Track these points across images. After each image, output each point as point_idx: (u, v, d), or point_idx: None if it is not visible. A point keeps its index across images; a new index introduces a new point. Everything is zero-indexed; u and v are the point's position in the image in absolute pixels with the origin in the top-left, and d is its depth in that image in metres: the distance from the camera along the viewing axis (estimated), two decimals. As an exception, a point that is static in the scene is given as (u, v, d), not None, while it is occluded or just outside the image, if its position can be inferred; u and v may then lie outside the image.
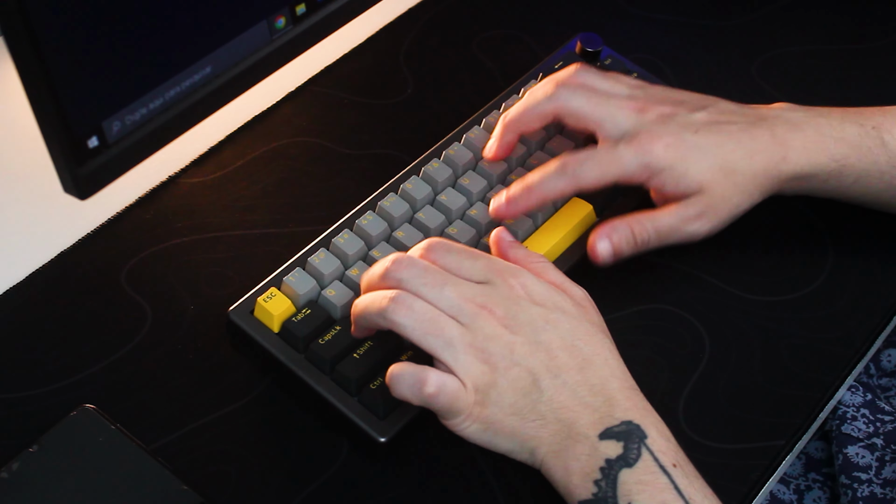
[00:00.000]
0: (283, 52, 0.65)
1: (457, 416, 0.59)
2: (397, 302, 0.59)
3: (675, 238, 0.69)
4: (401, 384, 0.59)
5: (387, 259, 0.62)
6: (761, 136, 0.69)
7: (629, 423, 0.57)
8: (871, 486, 0.77)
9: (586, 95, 0.70)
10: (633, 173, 0.68)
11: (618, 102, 0.70)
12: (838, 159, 0.70)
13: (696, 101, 0.72)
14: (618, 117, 0.69)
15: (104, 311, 0.70)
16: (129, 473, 0.62)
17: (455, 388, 0.58)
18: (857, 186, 0.71)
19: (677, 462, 0.57)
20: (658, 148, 0.67)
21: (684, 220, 0.68)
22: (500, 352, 0.59)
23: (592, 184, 0.68)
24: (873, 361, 0.85)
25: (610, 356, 0.60)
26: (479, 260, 0.62)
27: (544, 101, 0.70)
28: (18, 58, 0.52)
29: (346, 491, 0.63)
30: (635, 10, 0.90)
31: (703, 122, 0.69)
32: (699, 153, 0.68)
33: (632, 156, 0.68)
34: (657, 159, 0.67)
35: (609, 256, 0.69)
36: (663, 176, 0.68)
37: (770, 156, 0.69)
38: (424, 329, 0.59)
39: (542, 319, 0.60)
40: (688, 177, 0.68)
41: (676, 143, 0.68)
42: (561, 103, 0.70)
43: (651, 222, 0.69)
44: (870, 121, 0.71)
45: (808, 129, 0.70)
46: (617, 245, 0.68)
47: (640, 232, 0.68)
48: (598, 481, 0.56)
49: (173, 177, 0.77)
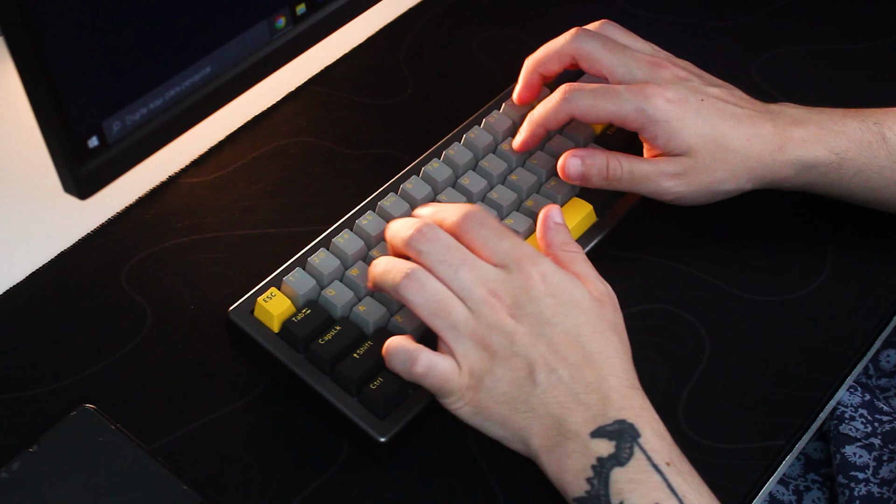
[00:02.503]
0: (283, 52, 0.65)
1: (448, 396, 0.60)
2: (411, 278, 0.60)
3: (646, 188, 0.70)
4: (394, 359, 0.61)
5: (415, 223, 0.63)
6: (763, 125, 0.70)
7: (622, 423, 0.57)
8: (869, 486, 0.77)
9: (604, 42, 0.72)
10: (627, 114, 0.69)
11: (634, 54, 0.72)
12: (838, 152, 0.70)
13: (714, 80, 0.73)
14: (631, 65, 0.71)
15: (104, 311, 0.70)
16: (129, 473, 0.62)
17: (446, 370, 0.59)
18: (856, 181, 0.71)
19: (671, 460, 0.57)
20: (659, 100, 0.69)
21: (662, 173, 0.69)
22: (500, 341, 0.59)
23: (585, 112, 0.70)
24: (872, 362, 0.85)
25: (614, 354, 0.60)
26: (504, 241, 0.62)
27: (563, 43, 0.73)
28: (18, 58, 0.52)
29: (346, 491, 0.63)
30: (635, 10, 0.90)
31: (712, 95, 0.71)
32: (698, 118, 0.69)
33: (631, 98, 0.69)
34: (655, 108, 0.68)
35: (577, 175, 0.70)
36: (657, 128, 0.69)
37: (767, 143, 0.70)
38: (432, 309, 0.60)
39: (550, 312, 0.60)
40: (680, 136, 0.69)
41: (679, 101, 0.69)
42: (578, 45, 0.72)
43: (628, 163, 0.70)
44: (871, 117, 0.71)
45: (809, 123, 0.71)
46: (587, 168, 0.70)
47: (615, 167, 0.70)
48: (591, 479, 0.56)
49: (173, 177, 0.77)
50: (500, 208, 0.71)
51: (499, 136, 0.75)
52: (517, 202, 0.72)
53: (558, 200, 0.72)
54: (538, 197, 0.72)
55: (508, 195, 0.72)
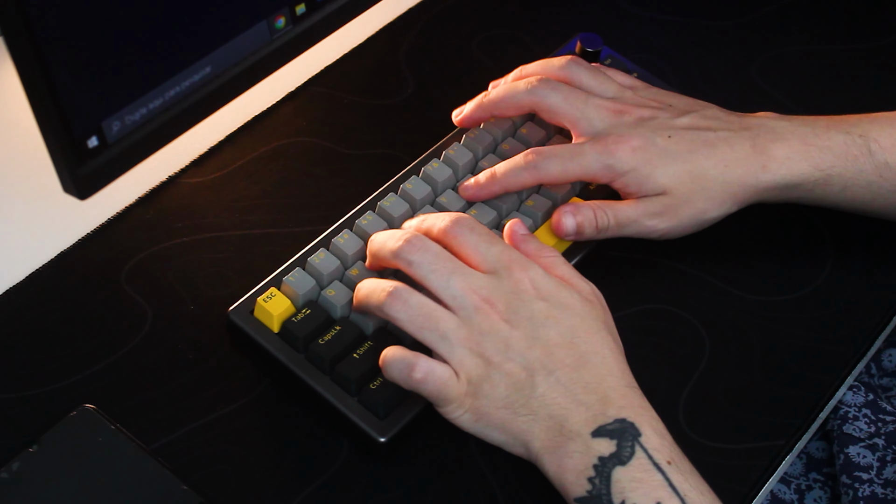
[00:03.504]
0: (283, 52, 0.65)
1: (448, 405, 0.60)
2: (394, 297, 0.60)
3: (633, 230, 0.70)
4: (392, 367, 0.61)
5: (402, 234, 0.62)
6: (741, 145, 0.69)
7: (623, 422, 0.57)
8: (873, 486, 0.77)
9: (564, 93, 0.71)
10: (595, 173, 0.69)
11: (596, 103, 0.71)
12: (823, 168, 0.69)
13: (684, 105, 0.72)
14: (592, 118, 0.70)
15: (104, 311, 0.70)
16: (129, 473, 0.62)
17: (444, 377, 0.59)
18: (844, 195, 0.70)
19: (672, 459, 0.57)
20: (623, 151, 0.68)
21: (644, 214, 0.69)
22: (495, 346, 0.59)
23: (554, 179, 0.70)
24: (874, 361, 0.85)
25: (609, 354, 0.60)
26: (494, 246, 0.62)
27: (523, 93, 0.72)
28: (18, 58, 0.52)
29: (346, 491, 0.63)
30: (635, 10, 0.90)
31: (680, 128, 0.70)
32: (666, 158, 0.69)
33: (595, 156, 0.68)
34: (620, 162, 0.68)
35: (572, 232, 0.70)
36: (626, 178, 0.69)
37: (748, 166, 0.69)
38: (419, 323, 0.60)
39: (544, 315, 0.60)
40: (651, 180, 0.68)
41: (644, 147, 0.68)
42: (538, 98, 0.71)
43: (613, 211, 0.70)
44: (856, 128, 0.70)
45: (791, 138, 0.70)
46: (580, 224, 0.70)
47: (602, 217, 0.69)
48: (592, 479, 0.56)
49: (173, 177, 0.77)
50: (500, 209, 0.71)
51: (498, 136, 0.75)
52: (517, 202, 0.72)
53: (558, 201, 0.72)
54: (538, 197, 0.72)
55: (507, 196, 0.72)
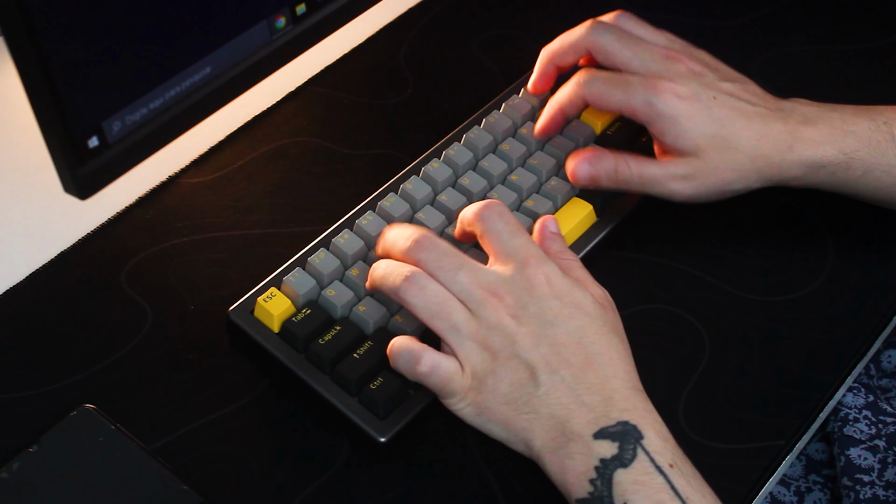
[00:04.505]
0: (283, 52, 0.65)
1: (451, 397, 0.60)
2: (410, 281, 0.60)
3: (655, 190, 0.70)
4: (398, 358, 0.61)
5: (412, 234, 0.62)
6: (773, 123, 0.70)
7: (625, 424, 0.57)
8: (874, 489, 0.77)
9: (618, 34, 0.71)
10: (637, 107, 0.69)
11: (649, 47, 0.71)
12: (847, 152, 0.70)
13: (729, 73, 0.73)
14: (646, 58, 0.70)
15: (104, 311, 0.70)
16: (129, 473, 0.62)
17: (450, 370, 0.59)
18: (865, 180, 0.71)
19: (674, 462, 0.57)
20: (670, 95, 0.68)
21: (670, 176, 0.69)
22: (502, 341, 0.59)
23: (597, 99, 0.70)
24: (873, 362, 0.85)
25: (616, 357, 0.60)
26: (517, 238, 0.62)
27: (579, 35, 0.72)
28: (18, 58, 0.52)
29: (346, 491, 0.63)
30: (636, 9, 0.90)
31: (725, 91, 0.70)
32: (707, 118, 0.69)
33: (641, 90, 0.68)
34: (664, 104, 0.68)
35: (587, 180, 0.70)
36: (665, 124, 0.68)
37: (776, 143, 0.69)
38: (432, 311, 0.60)
39: (553, 313, 0.60)
40: (688, 135, 0.68)
41: (690, 98, 0.68)
42: (594, 38, 0.71)
43: (637, 166, 0.70)
44: (881, 116, 0.71)
45: (820, 122, 0.70)
46: (597, 172, 0.69)
47: (624, 170, 0.69)
48: (594, 480, 0.56)
49: (173, 177, 0.77)
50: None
51: (499, 136, 0.75)
52: (517, 202, 0.72)
53: (558, 201, 0.72)
54: (538, 197, 0.72)
55: (508, 195, 0.72)
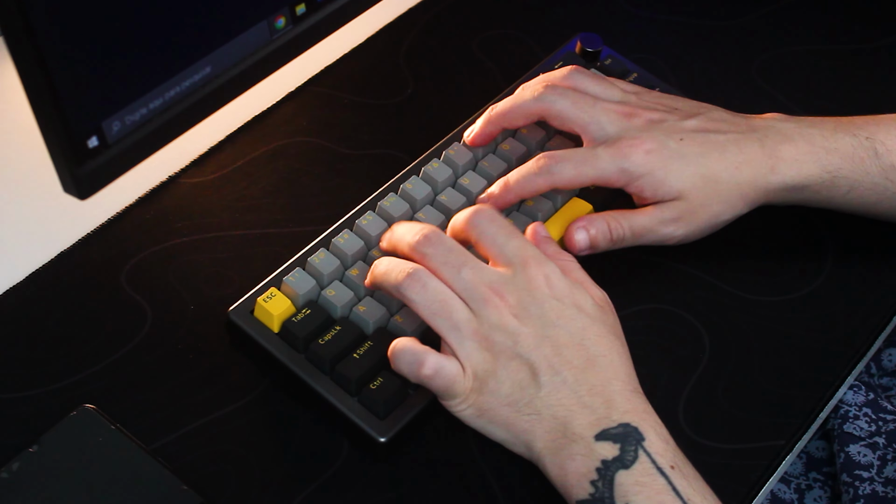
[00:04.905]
0: (283, 52, 0.65)
1: (453, 399, 0.60)
2: (413, 278, 0.60)
3: (649, 238, 0.70)
4: (400, 360, 0.61)
5: (420, 228, 0.63)
6: (750, 147, 0.69)
7: (626, 426, 0.57)
8: (873, 485, 0.77)
9: (572, 98, 0.70)
10: (609, 176, 0.68)
11: (605, 106, 0.70)
12: (830, 170, 0.70)
13: (690, 108, 0.72)
14: (603, 121, 0.70)
15: (104, 311, 0.70)
16: (129, 473, 0.62)
17: (453, 372, 0.59)
18: (850, 197, 0.71)
19: (675, 464, 0.57)
20: (637, 154, 0.68)
21: (660, 222, 0.69)
22: (503, 341, 0.59)
23: (568, 183, 0.69)
24: (874, 361, 0.85)
25: (617, 359, 0.60)
26: (513, 240, 0.62)
27: (531, 101, 0.71)
28: (18, 58, 0.52)
29: (346, 491, 0.63)
30: (635, 10, 0.90)
31: (690, 130, 0.70)
32: (681, 161, 0.68)
33: (609, 159, 0.68)
34: (635, 165, 0.68)
35: (585, 247, 0.69)
36: (641, 182, 0.68)
37: (758, 167, 0.69)
38: (434, 309, 0.60)
39: (555, 314, 0.60)
40: (666, 183, 0.68)
41: (658, 150, 0.68)
42: (546, 105, 0.70)
43: (627, 221, 0.69)
44: (863, 131, 0.70)
45: (799, 140, 0.70)
46: (593, 237, 0.69)
47: (616, 228, 0.69)
48: (595, 482, 0.56)
49: (173, 177, 0.77)
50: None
51: (498, 136, 0.75)
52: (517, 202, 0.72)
53: (558, 201, 0.72)
54: (538, 197, 0.72)
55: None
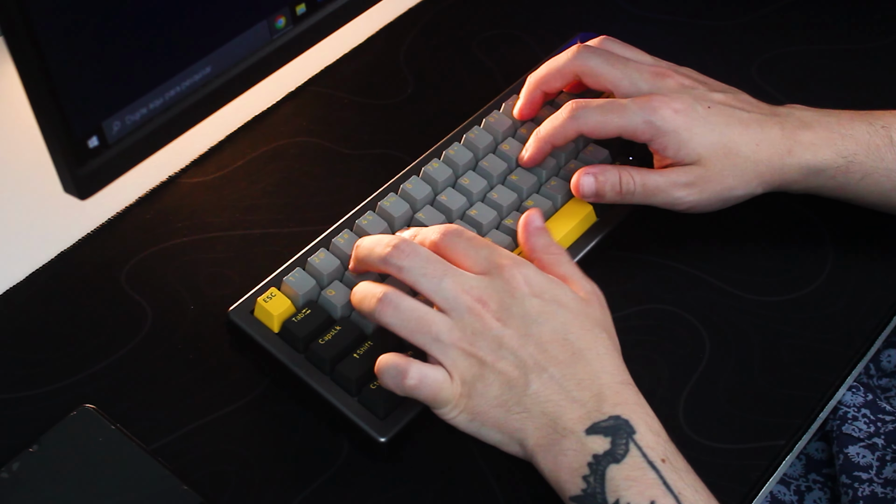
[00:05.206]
0: (283, 52, 0.65)
1: (444, 406, 0.60)
2: (384, 303, 0.60)
3: (659, 199, 0.70)
4: (385, 375, 0.61)
5: (390, 240, 0.62)
6: (771, 128, 0.70)
7: (617, 419, 0.57)
8: (872, 486, 0.77)
9: (605, 56, 0.72)
10: (635, 128, 0.69)
11: (638, 66, 0.72)
12: (846, 156, 0.70)
13: (719, 85, 0.73)
14: (635, 77, 0.71)
15: (104, 311, 0.70)
16: (129, 473, 0.62)
17: (438, 379, 0.59)
18: (864, 184, 0.71)
19: (666, 457, 0.57)
20: (666, 110, 0.69)
21: (674, 184, 0.70)
22: (488, 345, 0.59)
23: (594, 129, 0.70)
24: (873, 362, 0.85)
25: (604, 351, 0.60)
26: (483, 249, 0.62)
27: (566, 60, 0.72)
28: (18, 58, 0.52)
29: (346, 491, 0.63)
30: (635, 10, 0.90)
31: (718, 101, 0.71)
32: (706, 126, 0.69)
33: (638, 111, 0.69)
34: (662, 120, 0.69)
35: (590, 193, 0.70)
36: (666, 139, 0.69)
37: (776, 147, 0.70)
38: (412, 328, 0.60)
39: (536, 312, 0.60)
40: (689, 145, 0.69)
41: (686, 111, 0.69)
42: (580, 62, 0.72)
43: (641, 176, 0.70)
44: (879, 120, 0.71)
45: (817, 126, 0.71)
46: (601, 185, 0.70)
47: (627, 181, 0.70)
48: (587, 477, 0.56)
49: (173, 177, 0.77)
50: (500, 208, 0.71)
51: (499, 136, 0.75)
52: (517, 202, 0.72)
53: (558, 201, 0.72)
54: (538, 197, 0.72)
55: (508, 195, 0.72)
